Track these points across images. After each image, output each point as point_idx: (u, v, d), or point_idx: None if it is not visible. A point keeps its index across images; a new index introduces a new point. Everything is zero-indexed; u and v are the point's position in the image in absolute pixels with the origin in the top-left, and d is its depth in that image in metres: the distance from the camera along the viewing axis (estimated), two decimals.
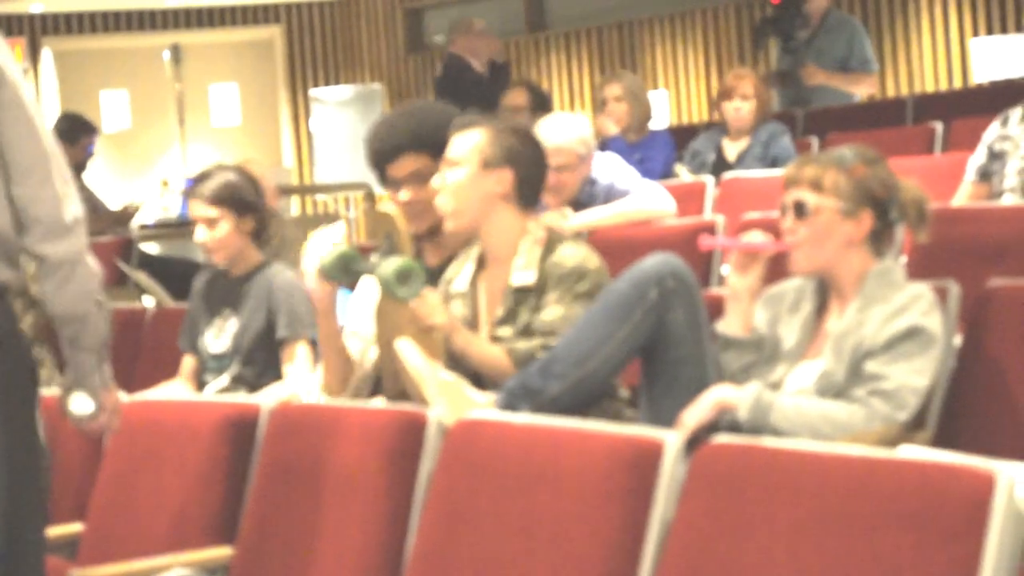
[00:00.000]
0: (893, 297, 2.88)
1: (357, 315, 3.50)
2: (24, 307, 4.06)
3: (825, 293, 3.02)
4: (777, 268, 3.08)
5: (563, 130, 4.92)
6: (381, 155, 3.48)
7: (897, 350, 2.82)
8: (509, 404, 2.98)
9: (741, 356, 3.02)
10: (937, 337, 2.85)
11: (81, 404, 2.69)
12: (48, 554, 2.72)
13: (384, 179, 3.52)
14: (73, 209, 2.58)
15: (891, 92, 9.20)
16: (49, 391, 2.86)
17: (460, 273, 3.35)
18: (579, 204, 5.00)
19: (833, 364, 2.88)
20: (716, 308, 3.12)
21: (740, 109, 6.08)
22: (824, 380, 2.88)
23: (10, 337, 2.56)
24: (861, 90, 7.41)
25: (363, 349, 3.44)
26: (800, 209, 2.95)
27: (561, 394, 2.97)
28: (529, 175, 3.27)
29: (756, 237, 3.05)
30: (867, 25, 7.89)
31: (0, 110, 2.53)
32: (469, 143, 3.25)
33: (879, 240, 2.97)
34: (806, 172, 2.95)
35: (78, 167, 7.74)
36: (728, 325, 3.05)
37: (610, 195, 5.01)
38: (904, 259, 4.03)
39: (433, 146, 3.39)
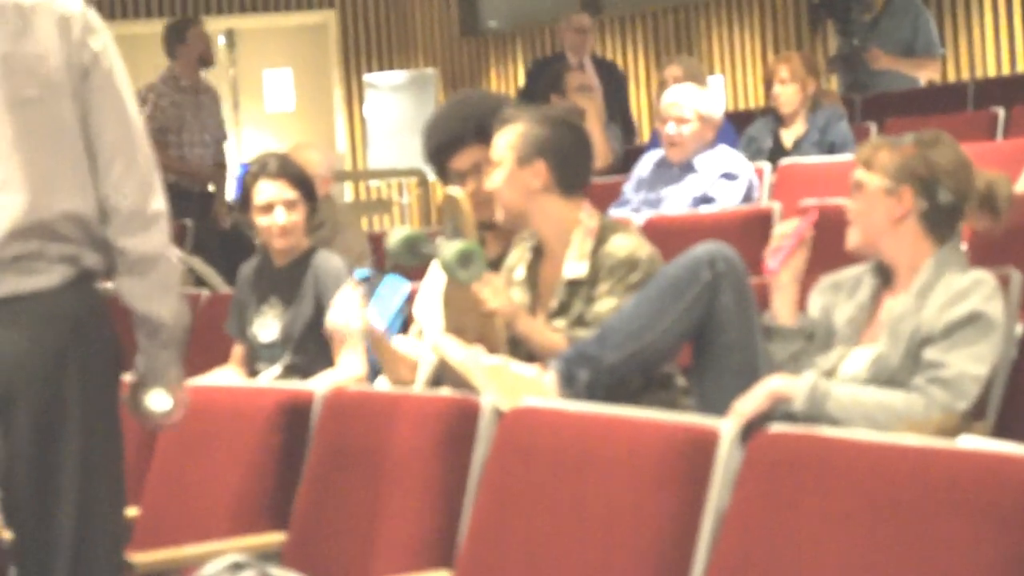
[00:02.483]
0: (953, 282, 2.85)
1: (424, 309, 3.50)
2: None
3: (883, 278, 2.99)
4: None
5: (688, 89, 5.41)
6: (442, 148, 3.46)
7: (957, 336, 2.79)
8: (567, 371, 2.98)
9: (787, 345, 3.02)
10: (998, 323, 2.82)
11: (159, 401, 2.60)
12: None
13: (443, 172, 3.49)
14: (156, 201, 2.49)
15: (952, 77, 9.09)
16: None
17: (519, 262, 3.34)
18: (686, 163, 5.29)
19: (889, 348, 2.86)
20: (768, 296, 3.11)
21: (780, 95, 6.01)
22: (878, 364, 2.86)
23: (95, 321, 2.48)
24: (925, 74, 7.34)
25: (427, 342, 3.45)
26: (856, 186, 2.99)
27: (618, 363, 2.97)
28: (565, 163, 3.24)
29: (790, 225, 3.08)
30: (928, 8, 7.80)
31: (91, 94, 2.48)
32: (505, 140, 3.26)
33: (939, 224, 2.93)
34: (865, 151, 2.99)
35: (203, 61, 7.47)
36: (774, 315, 3.05)
37: (683, 172, 5.26)
38: (965, 245, 3.98)
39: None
